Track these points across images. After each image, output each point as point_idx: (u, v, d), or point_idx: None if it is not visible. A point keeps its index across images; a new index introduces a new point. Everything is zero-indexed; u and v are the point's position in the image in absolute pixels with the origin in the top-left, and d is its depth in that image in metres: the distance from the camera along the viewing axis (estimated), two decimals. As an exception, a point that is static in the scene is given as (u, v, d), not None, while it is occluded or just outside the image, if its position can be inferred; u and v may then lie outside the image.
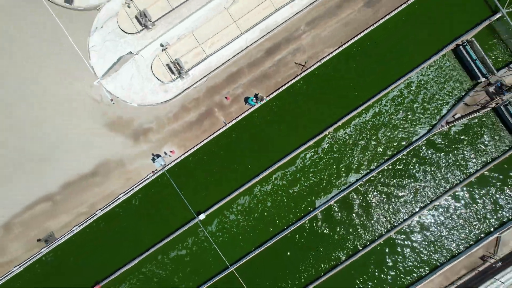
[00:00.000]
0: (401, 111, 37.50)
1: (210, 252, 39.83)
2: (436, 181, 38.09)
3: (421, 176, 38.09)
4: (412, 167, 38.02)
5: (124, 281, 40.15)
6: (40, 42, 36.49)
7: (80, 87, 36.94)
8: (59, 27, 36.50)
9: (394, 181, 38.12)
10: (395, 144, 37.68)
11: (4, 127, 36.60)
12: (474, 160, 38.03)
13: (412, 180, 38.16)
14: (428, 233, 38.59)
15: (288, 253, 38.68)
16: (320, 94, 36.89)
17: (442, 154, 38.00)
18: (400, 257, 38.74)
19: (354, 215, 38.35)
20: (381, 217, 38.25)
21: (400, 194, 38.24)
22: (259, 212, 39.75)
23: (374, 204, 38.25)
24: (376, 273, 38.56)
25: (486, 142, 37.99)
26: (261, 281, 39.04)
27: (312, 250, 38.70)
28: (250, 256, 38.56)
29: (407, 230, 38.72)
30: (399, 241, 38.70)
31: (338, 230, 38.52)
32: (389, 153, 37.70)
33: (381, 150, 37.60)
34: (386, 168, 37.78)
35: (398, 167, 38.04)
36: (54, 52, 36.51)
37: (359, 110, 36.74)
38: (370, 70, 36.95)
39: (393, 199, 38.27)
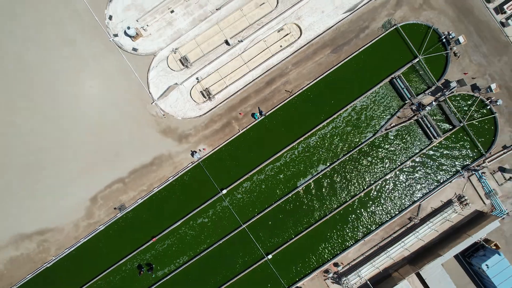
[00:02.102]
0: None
1: (225, 219, 58.38)
2: (378, 168, 57.34)
3: (369, 165, 57.28)
4: (361, 160, 57.19)
5: (167, 238, 58.81)
6: (117, 77, 55.12)
7: (143, 106, 55.62)
8: (129, 67, 55.16)
9: (350, 168, 57.31)
10: (349, 145, 56.94)
11: (94, 133, 55.21)
12: (403, 154, 57.34)
13: (363, 167, 57.32)
14: (374, 202, 57.76)
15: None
16: (299, 113, 55.85)
17: (382, 150, 57.25)
18: (358, 217, 57.85)
19: (323, 190, 57.51)
20: (343, 190, 57.43)
21: (355, 176, 57.41)
22: (257, 192, 58.45)
23: (336, 183, 57.41)
24: (342, 228, 57.79)
25: (411, 142, 57.23)
26: (264, 236, 57.92)
27: (293, 214, 57.65)
28: (254, 219, 57.38)
29: (362, 200, 57.86)
30: (355, 208, 57.78)
31: (312, 201, 57.57)
32: (345, 151, 56.96)
33: (339, 149, 56.84)
34: (343, 160, 56.96)
35: (352, 161, 57.24)
36: (126, 83, 55.15)
37: (322, 124, 55.95)
38: (332, 96, 56.01)
39: (350, 180, 57.44)
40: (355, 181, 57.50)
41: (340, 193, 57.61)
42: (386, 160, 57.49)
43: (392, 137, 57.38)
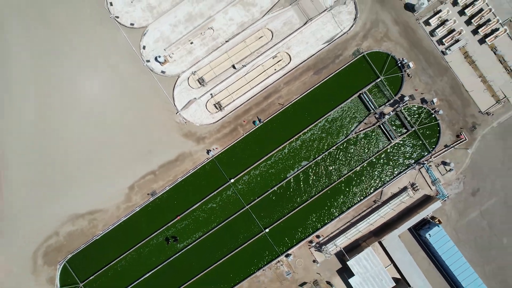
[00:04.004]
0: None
1: (230, 203, 74.61)
2: (350, 163, 74.36)
3: (342, 160, 74.41)
4: (336, 157, 74.34)
5: (185, 219, 75.25)
6: (149, 93, 71.93)
7: (169, 115, 72.48)
8: (159, 85, 72.03)
9: (327, 164, 74.43)
10: (327, 146, 74.06)
11: (132, 136, 71.94)
12: (369, 151, 74.46)
13: (337, 163, 74.38)
14: (347, 189, 74.79)
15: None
16: (288, 121, 72.80)
17: (352, 149, 74.38)
18: (335, 200, 74.82)
19: (306, 180, 74.57)
20: (322, 181, 74.50)
21: (331, 170, 74.49)
22: (254, 183, 75.07)
23: (317, 175, 74.48)
24: (322, 208, 74.82)
25: (374, 142, 74.46)
26: (261, 215, 74.84)
27: (284, 199, 74.41)
28: (254, 202, 74.26)
29: (337, 187, 74.86)
30: (332, 193, 74.79)
31: (298, 189, 74.57)
32: (323, 150, 74.02)
33: (318, 150, 73.91)
34: (322, 157, 74.09)
35: (329, 158, 74.38)
36: (156, 98, 71.99)
37: (302, 132, 72.94)
38: (312, 108, 72.96)
39: (327, 172, 74.51)
40: (331, 173, 74.64)
41: (320, 183, 74.70)
42: (356, 157, 74.66)
43: (360, 139, 74.50)
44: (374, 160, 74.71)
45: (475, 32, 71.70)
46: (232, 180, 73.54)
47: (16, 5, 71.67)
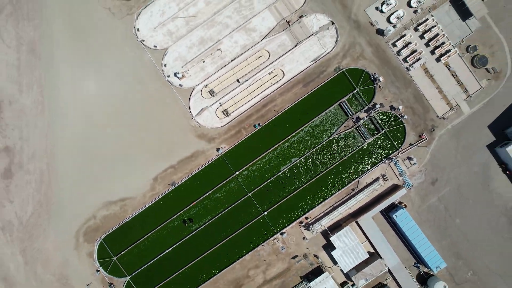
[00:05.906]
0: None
1: (233, 194, 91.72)
2: (332, 159, 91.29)
3: (326, 157, 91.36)
4: (321, 154, 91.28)
5: (196, 206, 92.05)
6: (169, 103, 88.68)
7: (186, 120, 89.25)
8: (177, 96, 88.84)
9: (313, 159, 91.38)
10: (311, 146, 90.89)
11: (156, 138, 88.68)
12: (348, 149, 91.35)
13: (322, 158, 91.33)
14: (330, 179, 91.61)
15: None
16: (281, 125, 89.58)
17: (334, 147, 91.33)
18: (320, 188, 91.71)
19: (296, 173, 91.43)
20: (308, 173, 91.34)
21: (317, 164, 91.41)
22: (252, 176, 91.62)
23: (305, 169, 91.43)
24: (309, 195, 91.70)
25: (352, 142, 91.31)
26: (260, 201, 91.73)
27: (278, 188, 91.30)
28: (254, 191, 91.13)
29: (322, 179, 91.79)
30: (318, 183, 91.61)
31: (289, 180, 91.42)
32: (311, 148, 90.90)
33: (307, 149, 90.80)
34: (309, 154, 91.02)
35: (315, 154, 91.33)
36: (175, 106, 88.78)
37: (292, 135, 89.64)
38: (300, 115, 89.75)
39: (314, 166, 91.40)
40: (317, 167, 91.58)
41: (308, 175, 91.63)
42: (337, 153, 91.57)
43: (341, 139, 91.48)
44: (352, 156, 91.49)
45: (432, 52, 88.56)
46: (237, 173, 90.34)
47: (64, 31, 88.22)
